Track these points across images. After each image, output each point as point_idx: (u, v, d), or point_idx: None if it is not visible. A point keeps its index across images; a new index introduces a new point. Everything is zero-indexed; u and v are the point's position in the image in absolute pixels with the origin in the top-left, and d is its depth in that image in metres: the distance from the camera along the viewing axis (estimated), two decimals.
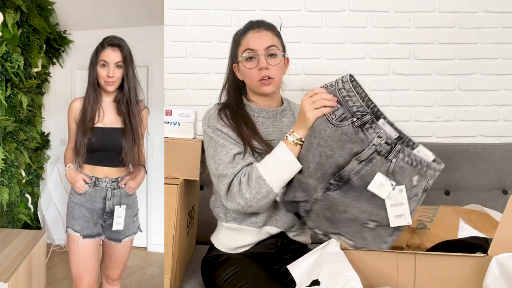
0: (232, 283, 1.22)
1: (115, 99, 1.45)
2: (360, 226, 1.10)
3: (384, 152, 1.06)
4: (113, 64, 1.39)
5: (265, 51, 1.27)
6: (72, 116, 1.45)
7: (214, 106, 1.35)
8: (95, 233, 1.42)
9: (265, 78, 1.26)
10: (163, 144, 1.39)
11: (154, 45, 2.31)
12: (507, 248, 0.95)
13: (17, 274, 1.43)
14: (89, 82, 1.43)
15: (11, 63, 1.86)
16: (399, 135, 1.08)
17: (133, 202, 1.50)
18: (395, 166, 1.06)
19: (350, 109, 1.07)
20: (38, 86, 2.28)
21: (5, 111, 1.91)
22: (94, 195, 1.42)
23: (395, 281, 1.03)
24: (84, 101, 1.42)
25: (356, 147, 1.07)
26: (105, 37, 1.42)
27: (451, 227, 1.22)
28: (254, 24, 1.33)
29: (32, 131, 2.11)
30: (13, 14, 1.87)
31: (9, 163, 1.88)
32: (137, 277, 2.28)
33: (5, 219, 1.89)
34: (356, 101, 1.07)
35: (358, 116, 1.07)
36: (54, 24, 2.42)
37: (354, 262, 1.01)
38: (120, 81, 1.42)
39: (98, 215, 1.43)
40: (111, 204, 1.42)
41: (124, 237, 1.46)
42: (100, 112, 1.42)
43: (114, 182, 1.43)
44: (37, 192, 2.30)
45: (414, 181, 1.08)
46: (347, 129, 1.07)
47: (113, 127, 1.42)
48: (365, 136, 1.06)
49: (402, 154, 1.06)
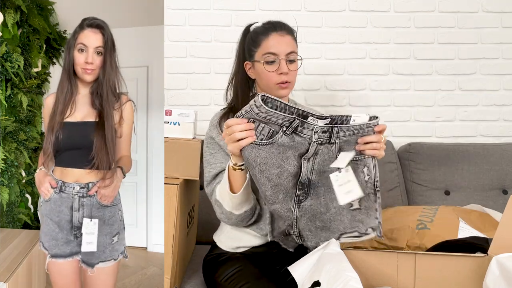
0: (233, 283, 1.22)
1: (91, 90, 1.25)
2: (349, 214, 1.10)
3: (326, 141, 1.08)
4: (92, 48, 1.20)
5: (286, 56, 1.26)
6: (46, 113, 1.26)
7: (219, 112, 1.35)
8: (67, 253, 1.18)
9: (283, 82, 1.26)
10: (163, 144, 1.39)
11: (154, 45, 2.32)
12: (507, 248, 0.95)
13: (17, 274, 1.43)
14: (63, 70, 1.24)
15: (11, 63, 1.86)
16: (331, 119, 1.08)
17: (112, 216, 1.22)
18: (340, 144, 1.09)
19: (276, 123, 1.06)
20: (38, 86, 2.28)
21: (5, 111, 1.91)
22: (60, 203, 1.20)
23: (395, 281, 1.03)
24: (57, 92, 1.23)
25: (298, 150, 1.08)
26: (84, 18, 1.26)
27: (451, 227, 1.22)
28: (277, 26, 1.29)
29: (32, 131, 2.10)
30: (13, 14, 1.87)
31: (9, 163, 1.88)
32: (137, 277, 2.28)
33: (5, 219, 1.89)
34: (278, 115, 1.05)
35: (286, 125, 1.07)
36: (54, 24, 2.42)
37: (354, 262, 1.01)
38: (99, 70, 1.22)
39: (66, 229, 1.19)
40: (80, 216, 1.18)
41: (98, 262, 1.18)
42: (73, 106, 1.22)
43: (83, 188, 1.19)
44: (37, 192, 2.30)
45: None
46: (282, 140, 1.07)
47: (84, 121, 1.22)
48: (302, 138, 1.08)
49: (342, 132, 1.08)
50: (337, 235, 1.12)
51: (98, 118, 1.21)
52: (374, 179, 1.11)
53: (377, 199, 1.11)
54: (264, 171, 1.07)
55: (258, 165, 1.06)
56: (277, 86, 1.28)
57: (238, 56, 1.36)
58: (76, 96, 1.24)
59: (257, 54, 1.29)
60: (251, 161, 1.06)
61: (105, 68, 1.22)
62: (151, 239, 2.74)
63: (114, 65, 1.25)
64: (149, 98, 2.65)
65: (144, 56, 2.54)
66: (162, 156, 1.39)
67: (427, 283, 1.02)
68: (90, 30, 1.22)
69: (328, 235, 1.11)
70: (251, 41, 1.32)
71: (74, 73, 1.23)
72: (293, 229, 1.13)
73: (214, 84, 2.04)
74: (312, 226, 1.12)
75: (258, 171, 1.07)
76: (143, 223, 2.71)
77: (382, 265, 1.04)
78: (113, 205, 1.23)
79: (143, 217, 2.71)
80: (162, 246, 1.31)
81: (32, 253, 1.62)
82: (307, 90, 2.07)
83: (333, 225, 1.11)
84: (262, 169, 1.06)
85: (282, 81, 1.26)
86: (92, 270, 1.18)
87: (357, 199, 1.07)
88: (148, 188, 2.70)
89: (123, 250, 1.25)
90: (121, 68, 1.32)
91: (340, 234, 1.12)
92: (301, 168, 1.08)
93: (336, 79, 2.07)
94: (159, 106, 2.28)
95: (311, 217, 1.11)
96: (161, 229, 1.30)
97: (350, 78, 2.07)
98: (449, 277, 1.00)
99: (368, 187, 1.10)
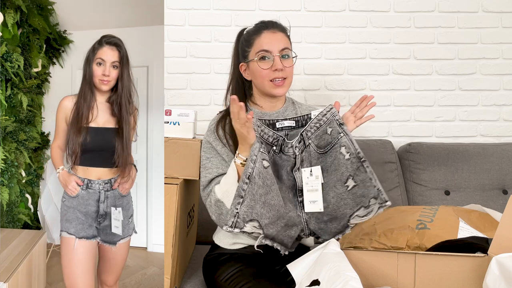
0: (233, 283, 1.22)
1: (108, 100, 1.42)
2: (350, 194, 1.19)
3: (302, 147, 1.23)
4: (109, 63, 1.36)
5: (280, 52, 1.27)
6: (62, 114, 1.40)
7: (216, 116, 1.36)
8: (91, 235, 1.38)
9: (279, 79, 1.27)
10: (163, 144, 1.39)
11: (154, 45, 2.31)
12: (507, 248, 0.95)
13: (17, 274, 1.43)
14: (84, 80, 1.39)
15: (11, 63, 1.86)
16: (295, 120, 1.27)
17: (128, 203, 1.46)
18: (316, 142, 1.23)
19: (268, 141, 1.22)
20: (38, 86, 2.28)
21: (5, 111, 1.91)
22: (87, 197, 1.37)
23: (395, 281, 1.03)
24: (79, 99, 1.38)
25: (288, 166, 1.23)
26: (103, 35, 1.40)
27: (451, 227, 1.22)
28: (268, 24, 1.31)
29: (32, 131, 2.10)
30: (13, 14, 1.87)
31: (9, 163, 1.88)
32: (137, 277, 2.28)
33: (5, 219, 1.89)
34: (267, 131, 1.22)
35: (275, 143, 1.22)
36: (54, 24, 2.42)
37: (354, 262, 1.01)
38: (115, 82, 1.39)
39: (92, 218, 1.39)
40: (105, 206, 1.39)
41: (119, 239, 1.42)
42: (94, 112, 1.38)
43: (107, 184, 1.39)
44: (37, 192, 2.30)
45: (328, 131, 1.23)
46: (273, 159, 1.21)
47: (106, 127, 1.39)
48: (286, 156, 1.22)
49: (309, 132, 1.23)
50: (346, 220, 1.18)
51: (117, 125, 1.39)
52: (355, 153, 1.19)
53: (367, 169, 1.19)
54: (271, 185, 1.16)
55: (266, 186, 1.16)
56: (271, 84, 1.28)
57: (233, 59, 1.38)
58: (95, 103, 1.40)
59: (251, 53, 1.30)
60: (274, 174, 1.18)
61: (122, 80, 1.39)
62: (151, 239, 2.73)
63: (129, 78, 1.42)
64: (149, 98, 2.65)
65: (144, 56, 2.54)
66: (162, 156, 1.39)
67: (427, 283, 1.02)
68: (108, 47, 1.37)
69: (337, 224, 1.20)
70: (244, 42, 1.33)
71: (92, 83, 1.39)
72: (304, 231, 1.22)
73: (214, 84, 2.04)
74: (322, 222, 1.20)
75: (270, 183, 1.16)
76: (143, 223, 2.70)
77: (382, 265, 1.04)
78: (128, 195, 1.46)
79: (143, 217, 2.71)
80: (162, 246, 1.32)
81: (32, 253, 1.61)
82: (307, 90, 2.07)
83: (339, 212, 1.17)
84: (269, 183, 1.16)
85: (277, 77, 1.27)
86: (116, 247, 1.41)
87: (318, 211, 1.20)
88: (148, 188, 2.69)
89: (133, 226, 1.49)
90: None
91: (349, 217, 1.19)
92: (295, 179, 1.22)
93: (336, 79, 2.07)
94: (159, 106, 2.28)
95: (318, 215, 1.21)
96: (161, 229, 1.31)
97: (350, 78, 2.07)
98: (449, 277, 1.00)
99: (353, 162, 1.18)
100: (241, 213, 1.12)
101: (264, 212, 1.13)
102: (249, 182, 1.12)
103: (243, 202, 1.12)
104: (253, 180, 1.11)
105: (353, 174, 1.18)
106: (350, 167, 1.18)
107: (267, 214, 1.13)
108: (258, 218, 1.13)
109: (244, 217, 1.12)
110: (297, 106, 1.41)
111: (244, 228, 1.13)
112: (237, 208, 1.12)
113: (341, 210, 1.18)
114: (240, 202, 1.12)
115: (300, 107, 1.41)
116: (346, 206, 1.18)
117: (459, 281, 1.00)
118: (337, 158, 1.19)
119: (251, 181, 1.11)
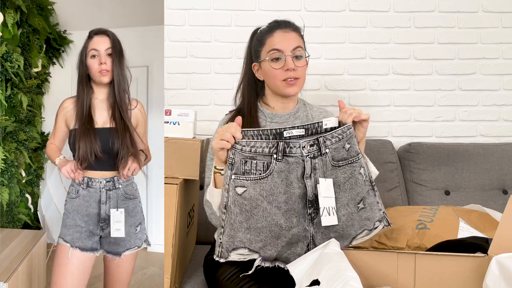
0: (234, 282, 1.22)
1: (107, 96, 1.37)
2: (357, 215, 1.12)
3: (317, 154, 1.09)
4: (103, 51, 1.33)
5: (292, 52, 1.26)
6: (62, 115, 1.37)
7: (226, 116, 1.36)
8: (89, 247, 1.29)
9: (291, 79, 1.26)
10: (163, 144, 1.39)
11: (154, 45, 2.31)
12: (507, 248, 0.95)
13: (17, 274, 1.43)
14: (78, 81, 1.36)
15: (11, 63, 1.86)
16: (304, 128, 1.11)
17: (135, 208, 1.36)
18: (331, 153, 1.10)
19: (264, 153, 1.08)
20: (38, 86, 2.28)
21: (5, 111, 1.91)
22: (88, 198, 1.31)
23: (395, 281, 1.03)
24: (77, 102, 1.35)
25: (298, 171, 1.09)
26: (90, 30, 1.38)
27: (451, 227, 1.22)
28: (281, 24, 1.31)
29: (32, 131, 2.10)
30: (13, 14, 1.87)
31: (9, 163, 1.88)
32: (137, 277, 2.28)
33: (5, 219, 1.89)
34: (261, 144, 1.07)
35: (275, 152, 1.07)
36: (54, 24, 2.42)
37: (354, 262, 1.01)
38: (112, 73, 1.34)
39: (94, 223, 1.31)
40: (107, 208, 1.31)
41: (125, 250, 1.32)
42: (92, 111, 1.34)
43: (109, 182, 1.33)
44: (37, 192, 2.30)
45: (346, 147, 1.13)
46: (278, 167, 1.08)
47: (105, 127, 1.34)
48: (294, 157, 1.08)
49: (328, 141, 1.10)
50: (349, 240, 1.14)
51: (114, 123, 1.33)
52: (368, 176, 1.14)
53: (376, 193, 1.15)
54: (272, 202, 1.08)
55: (265, 198, 1.08)
56: (284, 83, 1.28)
57: (245, 59, 1.38)
58: (94, 101, 1.35)
59: (263, 53, 1.30)
60: (258, 196, 1.07)
61: (115, 66, 1.33)
62: (151, 239, 2.73)
63: (123, 64, 1.37)
64: (149, 98, 2.65)
65: (144, 56, 2.54)
66: (162, 156, 1.39)
67: (427, 283, 1.02)
68: (98, 37, 1.35)
69: (341, 243, 1.12)
70: (257, 41, 1.33)
71: (89, 79, 1.35)
72: (309, 247, 1.12)
73: (214, 84, 2.04)
74: (327, 239, 1.11)
75: (266, 203, 1.08)
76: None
77: (382, 265, 1.04)
78: (135, 198, 1.37)
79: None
80: (162, 246, 1.31)
81: (32, 253, 1.62)
82: (307, 90, 2.06)
83: (346, 232, 1.13)
84: (269, 200, 1.08)
85: (289, 77, 1.26)
86: (120, 259, 1.31)
87: (334, 223, 1.10)
88: (148, 188, 2.70)
89: (145, 238, 1.40)
90: None
91: (352, 238, 1.14)
92: (306, 187, 1.09)
93: (336, 79, 2.07)
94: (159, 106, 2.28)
95: (325, 230, 1.12)
96: (161, 229, 1.31)
97: (350, 78, 2.07)
98: (449, 277, 1.00)
99: (366, 185, 1.13)
100: (223, 243, 1.09)
101: (251, 238, 1.09)
102: (226, 211, 1.08)
103: (224, 232, 1.09)
104: (229, 209, 1.08)
105: (365, 197, 1.14)
106: (364, 189, 1.14)
107: (256, 238, 1.09)
108: (245, 245, 1.09)
109: (227, 246, 1.09)
110: (308, 108, 1.41)
111: (229, 257, 1.09)
112: (220, 238, 1.09)
113: (348, 230, 1.13)
114: (222, 232, 1.09)
115: (311, 108, 1.41)
116: (352, 227, 1.13)
117: (459, 281, 1.00)
118: (355, 177, 1.12)
119: (228, 210, 1.08)
